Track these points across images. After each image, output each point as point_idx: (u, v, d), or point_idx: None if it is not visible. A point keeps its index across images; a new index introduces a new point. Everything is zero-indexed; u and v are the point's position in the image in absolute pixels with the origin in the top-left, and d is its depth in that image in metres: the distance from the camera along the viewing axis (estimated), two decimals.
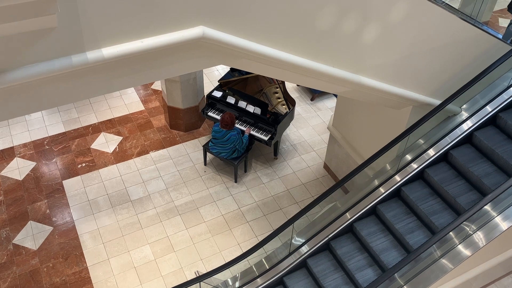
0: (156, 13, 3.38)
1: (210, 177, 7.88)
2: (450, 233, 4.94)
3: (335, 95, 8.88)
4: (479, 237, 4.95)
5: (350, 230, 5.70)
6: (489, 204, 4.87)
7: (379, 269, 5.34)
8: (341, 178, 5.91)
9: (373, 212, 5.68)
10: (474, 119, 5.64)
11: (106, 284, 6.44)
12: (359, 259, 5.45)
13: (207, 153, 7.89)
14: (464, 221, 4.77)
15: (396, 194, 5.68)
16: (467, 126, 5.64)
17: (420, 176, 5.68)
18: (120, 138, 8.52)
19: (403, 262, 4.88)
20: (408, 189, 5.57)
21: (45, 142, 8.38)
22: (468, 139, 5.66)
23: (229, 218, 7.30)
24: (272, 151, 8.22)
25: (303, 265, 5.71)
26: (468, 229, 4.99)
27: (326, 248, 5.72)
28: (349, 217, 5.66)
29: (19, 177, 7.78)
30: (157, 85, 9.61)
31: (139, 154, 8.25)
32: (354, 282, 5.36)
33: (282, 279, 5.67)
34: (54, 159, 8.08)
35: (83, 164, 8.02)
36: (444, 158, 5.67)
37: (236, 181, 7.79)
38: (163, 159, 8.16)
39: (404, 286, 5.03)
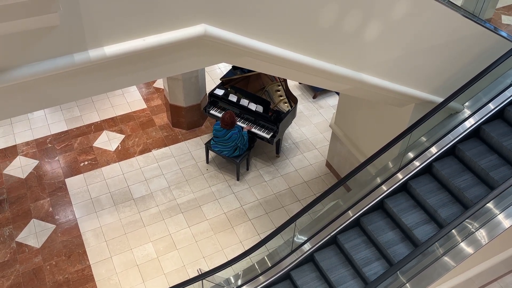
0: (158, 11, 3.38)
1: (212, 175, 7.89)
2: (453, 231, 4.94)
3: (337, 93, 8.86)
4: (481, 234, 4.95)
5: (333, 242, 5.73)
6: (491, 201, 4.87)
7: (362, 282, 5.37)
8: (343, 176, 5.90)
9: (356, 224, 5.73)
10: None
11: (109, 282, 6.46)
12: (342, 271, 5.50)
13: (209, 151, 7.89)
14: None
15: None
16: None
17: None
18: (123, 136, 8.53)
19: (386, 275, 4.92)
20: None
21: (48, 141, 8.39)
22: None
23: (231, 216, 7.30)
24: (274, 149, 8.22)
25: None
26: (471, 227, 4.98)
27: (311, 260, 5.75)
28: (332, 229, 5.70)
29: (22, 175, 7.80)
30: (159, 83, 9.61)
31: (142, 152, 8.26)
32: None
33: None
34: (57, 157, 8.10)
35: (86, 162, 8.03)
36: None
37: (238, 179, 7.80)
38: (165, 157, 8.17)
39: (407, 284, 5.03)
